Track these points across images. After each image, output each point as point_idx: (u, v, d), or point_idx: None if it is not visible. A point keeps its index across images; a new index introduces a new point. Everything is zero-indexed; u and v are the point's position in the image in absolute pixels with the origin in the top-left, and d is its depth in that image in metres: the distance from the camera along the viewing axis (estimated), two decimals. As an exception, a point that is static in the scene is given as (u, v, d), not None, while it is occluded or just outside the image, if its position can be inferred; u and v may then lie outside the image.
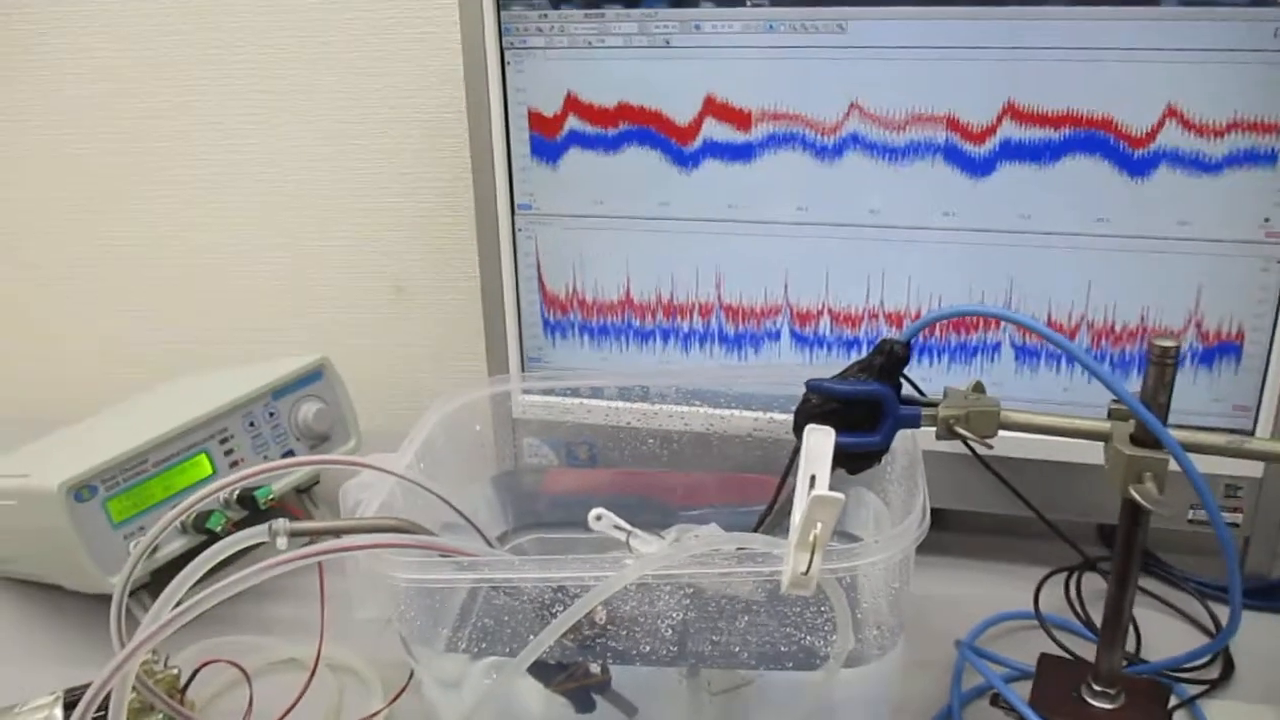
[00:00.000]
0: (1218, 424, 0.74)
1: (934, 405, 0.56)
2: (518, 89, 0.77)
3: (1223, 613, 0.74)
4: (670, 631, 0.56)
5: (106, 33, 1.08)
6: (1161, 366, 0.51)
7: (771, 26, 0.72)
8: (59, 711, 0.61)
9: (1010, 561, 0.80)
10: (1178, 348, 0.51)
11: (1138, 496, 0.50)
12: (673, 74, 0.75)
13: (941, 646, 0.70)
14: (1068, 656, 0.67)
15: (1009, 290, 0.74)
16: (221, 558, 0.54)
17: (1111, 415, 0.55)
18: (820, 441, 0.51)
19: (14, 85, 1.12)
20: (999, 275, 0.74)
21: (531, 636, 0.51)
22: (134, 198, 1.14)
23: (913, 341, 0.56)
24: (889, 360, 0.56)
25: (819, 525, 0.48)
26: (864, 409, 0.56)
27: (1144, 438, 0.52)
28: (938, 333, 0.77)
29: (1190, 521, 0.76)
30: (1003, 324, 0.76)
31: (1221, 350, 0.73)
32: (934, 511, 0.80)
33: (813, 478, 0.50)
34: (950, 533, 0.85)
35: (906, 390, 0.59)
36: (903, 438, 0.61)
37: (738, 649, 0.58)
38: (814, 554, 0.48)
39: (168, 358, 1.20)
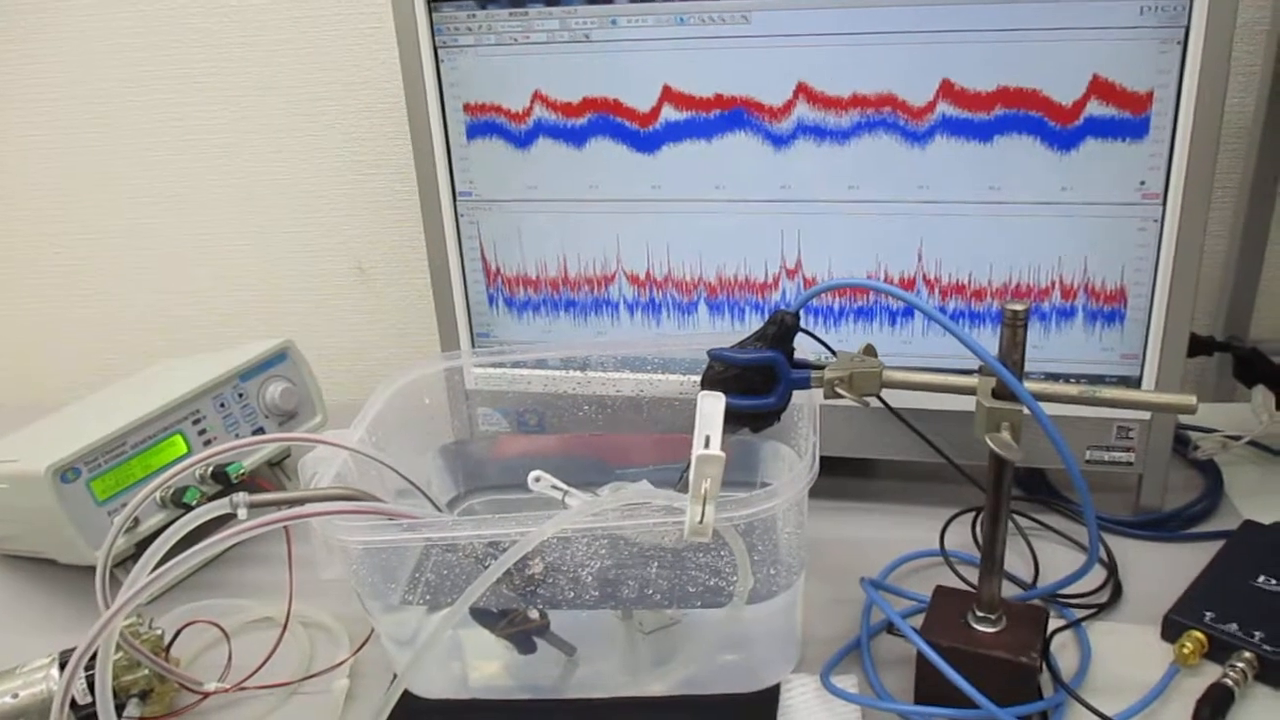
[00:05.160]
0: (1109, 371, 0.80)
1: (821, 368, 0.62)
2: (452, 84, 0.83)
3: (1116, 543, 0.81)
4: (591, 578, 0.63)
5: (79, 34, 1.12)
6: (1014, 328, 0.57)
7: (682, 20, 0.77)
8: (55, 671, 0.68)
9: (923, 504, 0.87)
10: (1027, 311, 0.57)
11: (993, 445, 0.57)
12: (598, 67, 0.80)
13: (856, 585, 0.76)
14: (963, 588, 0.74)
15: (914, 257, 0.80)
16: (189, 529, 0.60)
17: (980, 372, 0.61)
18: (712, 405, 0.57)
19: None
20: (904, 243, 0.80)
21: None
22: (99, 191, 1.19)
23: (801, 311, 0.63)
24: (781, 329, 0.63)
25: (708, 480, 0.54)
26: (760, 374, 0.62)
27: (1003, 392, 0.58)
28: (879, 299, 0.83)
29: (1088, 462, 0.82)
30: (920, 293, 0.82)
31: (1109, 303, 0.79)
32: (853, 460, 0.88)
33: (707, 438, 0.57)
34: (870, 480, 0.92)
35: (817, 349, 0.65)
36: (803, 395, 0.67)
37: (651, 591, 0.65)
38: (705, 505, 0.54)
39: (142, 343, 1.25)
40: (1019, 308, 0.57)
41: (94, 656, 0.59)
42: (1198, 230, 0.74)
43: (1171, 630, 0.69)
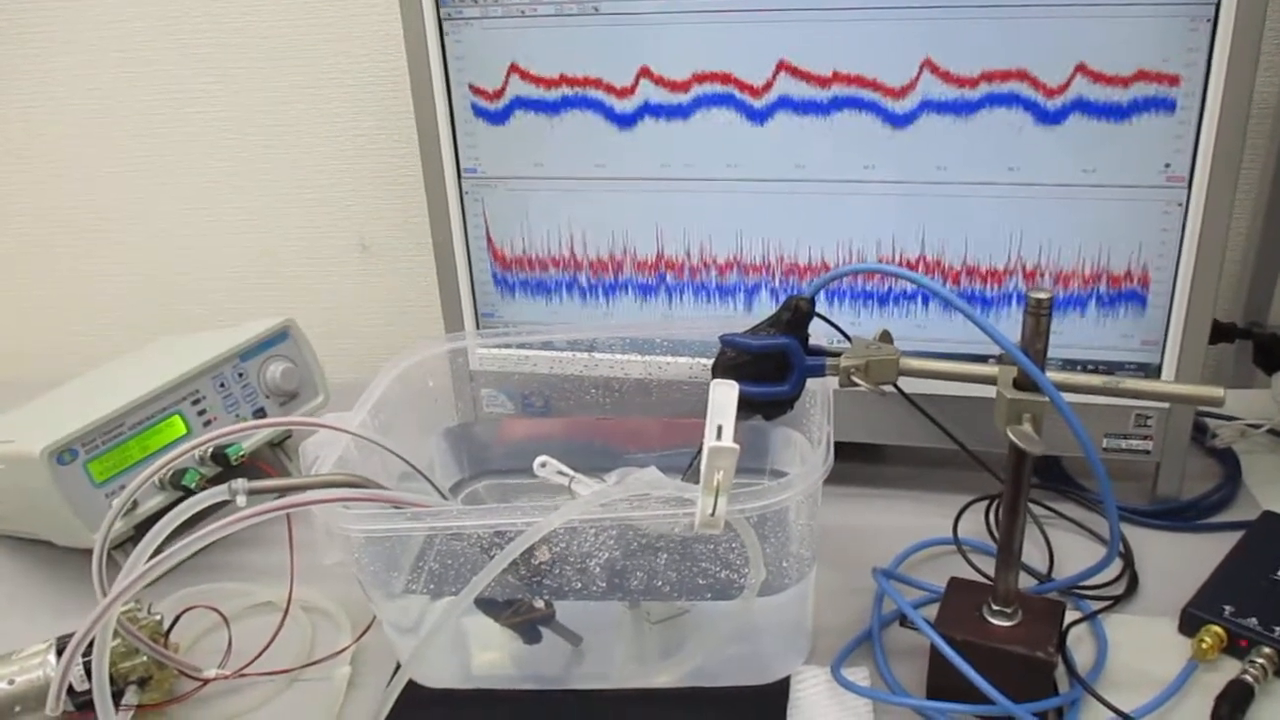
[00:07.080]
0: (1128, 358, 0.79)
1: (837, 356, 0.61)
2: (457, 58, 0.80)
3: (1133, 533, 0.79)
4: (598, 569, 0.62)
5: (78, 7, 1.10)
6: (1037, 317, 0.55)
7: (696, -9, 0.75)
8: (52, 657, 0.67)
9: (935, 491, 0.85)
10: (1051, 299, 0.55)
11: (1014, 437, 0.55)
12: (606, 39, 0.78)
13: (867, 574, 0.75)
14: (978, 579, 0.72)
15: (929, 239, 0.78)
16: (187, 516, 0.59)
17: (1000, 360, 0.59)
18: (725, 394, 0.56)
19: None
20: (920, 225, 0.78)
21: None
22: (97, 166, 1.17)
23: (816, 297, 0.61)
24: (795, 315, 0.61)
25: (720, 472, 0.53)
26: (773, 361, 0.61)
27: (1025, 382, 0.56)
28: (892, 282, 0.81)
29: (1105, 450, 0.81)
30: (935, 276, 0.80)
31: (1129, 288, 0.77)
32: (867, 446, 0.86)
33: (719, 428, 0.55)
34: (882, 465, 0.91)
35: (830, 333, 0.63)
36: (817, 381, 0.65)
37: (660, 582, 0.64)
38: (717, 497, 0.53)
39: (140, 321, 1.24)
40: (1043, 296, 0.55)
41: (92, 643, 0.58)
42: (1223, 214, 0.72)
43: (1190, 624, 0.68)
